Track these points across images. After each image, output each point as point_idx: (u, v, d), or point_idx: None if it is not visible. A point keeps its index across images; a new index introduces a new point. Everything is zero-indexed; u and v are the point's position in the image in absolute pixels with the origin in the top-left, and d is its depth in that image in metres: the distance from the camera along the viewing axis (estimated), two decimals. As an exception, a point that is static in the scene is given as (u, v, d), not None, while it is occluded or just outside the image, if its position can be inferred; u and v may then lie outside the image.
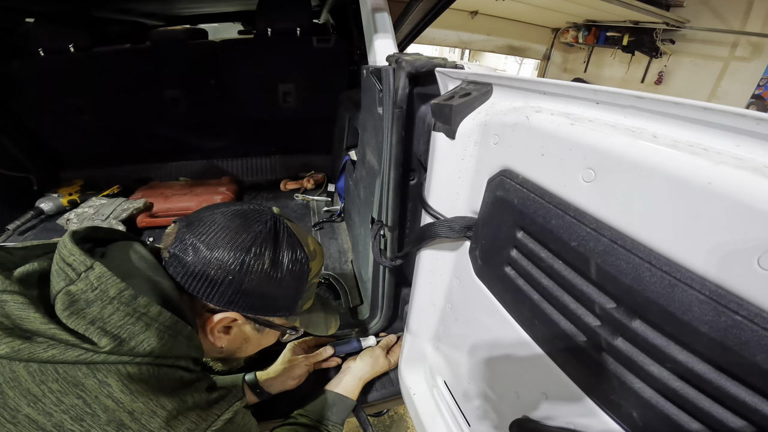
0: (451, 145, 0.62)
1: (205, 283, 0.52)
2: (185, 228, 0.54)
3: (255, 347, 0.66)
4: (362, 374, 0.89)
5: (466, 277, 0.68)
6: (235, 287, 0.52)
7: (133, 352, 0.41)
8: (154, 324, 0.44)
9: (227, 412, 0.48)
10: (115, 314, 0.42)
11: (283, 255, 0.55)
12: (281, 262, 0.55)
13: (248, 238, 0.53)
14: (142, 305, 0.43)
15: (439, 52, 7.01)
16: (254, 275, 0.53)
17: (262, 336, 0.63)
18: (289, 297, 0.59)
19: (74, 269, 0.43)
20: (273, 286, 0.55)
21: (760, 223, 0.26)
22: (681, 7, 4.24)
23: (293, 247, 0.57)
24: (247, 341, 0.62)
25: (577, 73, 6.00)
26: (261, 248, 0.53)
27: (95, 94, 1.78)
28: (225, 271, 0.51)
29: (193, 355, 0.50)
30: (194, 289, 0.52)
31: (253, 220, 0.55)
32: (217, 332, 0.57)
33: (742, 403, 0.29)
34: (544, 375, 0.51)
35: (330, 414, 0.78)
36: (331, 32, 2.13)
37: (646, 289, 0.34)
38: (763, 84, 3.79)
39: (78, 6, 1.64)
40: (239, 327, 0.59)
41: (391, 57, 0.73)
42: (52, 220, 1.66)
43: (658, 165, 0.33)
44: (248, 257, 0.52)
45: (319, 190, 2.01)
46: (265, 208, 0.59)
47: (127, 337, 0.41)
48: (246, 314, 0.57)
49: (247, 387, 0.84)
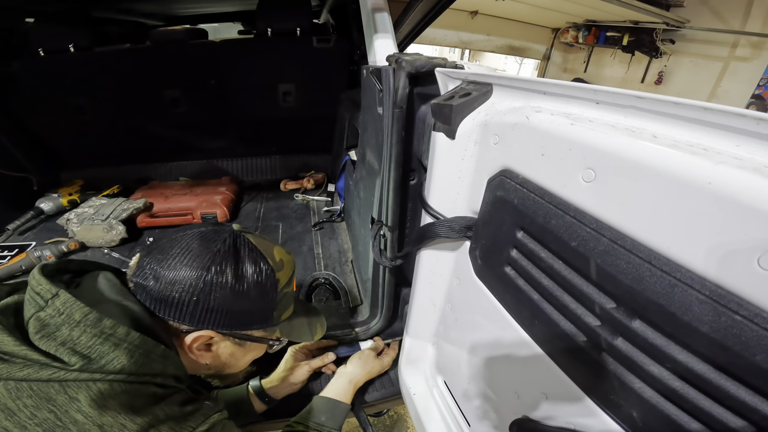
0: (451, 145, 0.62)
1: (170, 307, 0.53)
2: (145, 256, 0.55)
3: (243, 361, 0.66)
4: (353, 377, 0.89)
5: (466, 277, 0.68)
6: (201, 307, 0.53)
7: (104, 370, 0.44)
8: (123, 344, 0.46)
9: (203, 424, 0.49)
10: (83, 336, 0.44)
11: (245, 269, 0.56)
12: (244, 276, 0.56)
13: (207, 257, 0.54)
14: (107, 327, 0.46)
15: (439, 52, 7.00)
16: (218, 293, 0.54)
17: (247, 349, 0.64)
18: (261, 310, 0.59)
19: (42, 297, 0.46)
20: (241, 301, 0.56)
21: (760, 223, 0.26)
22: (681, 7, 4.24)
23: (255, 261, 0.57)
24: (233, 356, 0.63)
25: (577, 73, 6.00)
26: (221, 266, 0.54)
27: (95, 94, 1.78)
28: (188, 292, 0.53)
29: (172, 372, 0.51)
30: (163, 313, 0.54)
31: (211, 240, 0.56)
32: (196, 351, 0.58)
33: (742, 403, 0.29)
34: (544, 375, 0.51)
35: (325, 420, 0.79)
36: (331, 32, 2.13)
37: (646, 289, 0.34)
38: (763, 84, 3.79)
39: (78, 6, 1.64)
40: (218, 344, 0.60)
41: (391, 57, 0.73)
42: (52, 220, 1.66)
43: (658, 165, 0.33)
44: (209, 276, 0.53)
45: (319, 190, 2.00)
46: (226, 226, 0.61)
47: (97, 356, 0.44)
48: (220, 331, 0.57)
49: (254, 395, 0.85)
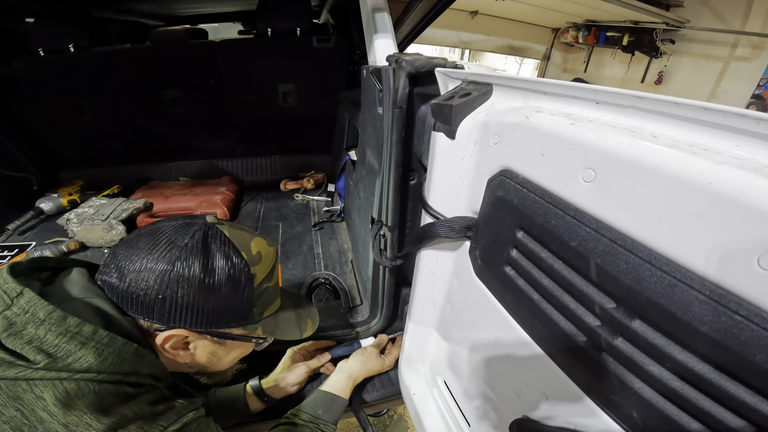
0: (451, 145, 0.62)
1: (137, 304, 0.52)
2: (113, 251, 0.54)
3: (226, 360, 0.64)
4: (352, 372, 0.89)
5: (466, 277, 0.68)
6: (169, 305, 0.52)
7: (70, 369, 0.43)
8: (90, 342, 0.45)
9: (175, 423, 0.49)
10: (48, 334, 0.44)
11: (215, 265, 0.54)
12: (214, 271, 0.54)
13: (174, 252, 0.52)
14: (72, 325, 0.45)
15: (439, 52, 7.00)
16: (186, 289, 0.52)
17: (229, 348, 0.62)
18: (236, 307, 0.57)
19: (8, 295, 0.46)
20: (211, 298, 0.54)
21: (760, 223, 0.26)
22: (681, 7, 4.24)
23: (227, 255, 0.55)
24: (214, 355, 0.61)
25: (577, 73, 6.00)
26: (188, 261, 0.52)
27: (95, 94, 1.78)
28: (153, 289, 0.51)
29: (146, 371, 0.50)
30: (131, 311, 0.52)
31: (179, 233, 0.54)
32: (171, 350, 0.56)
33: (742, 403, 0.29)
34: (544, 375, 0.51)
35: (322, 413, 0.79)
36: (331, 32, 2.13)
37: (646, 289, 0.34)
38: (763, 84, 3.79)
39: (78, 6, 1.64)
40: (195, 342, 0.58)
41: (391, 57, 0.73)
42: (52, 220, 1.66)
43: (658, 165, 0.33)
44: (175, 271, 0.51)
45: (319, 190, 2.00)
46: (198, 219, 0.58)
47: (64, 354, 0.44)
48: (194, 330, 0.55)
49: (253, 394, 0.85)
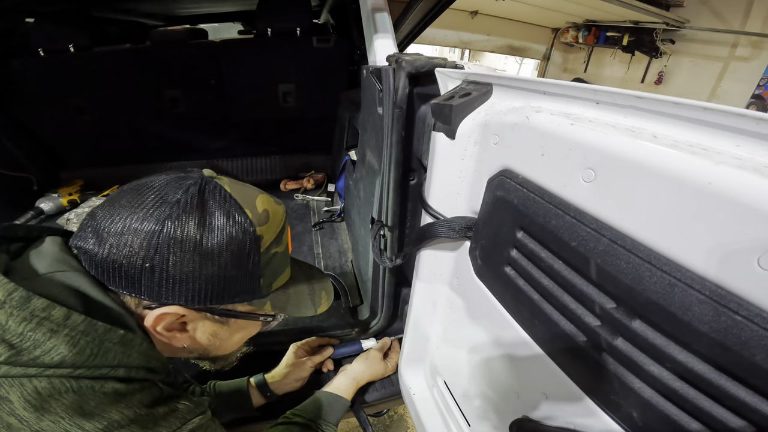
0: (451, 145, 0.62)
1: (120, 276, 0.42)
2: (90, 213, 0.44)
3: (231, 342, 0.55)
4: (356, 375, 0.89)
5: (466, 277, 0.68)
6: (159, 275, 0.42)
7: (39, 363, 0.35)
8: (62, 330, 0.37)
9: (179, 430, 0.42)
10: (11, 320, 0.35)
11: (213, 224, 0.44)
12: (212, 233, 0.43)
13: (163, 210, 0.42)
14: (39, 308, 0.36)
15: (439, 52, 7.00)
16: (178, 256, 0.42)
17: (234, 328, 0.53)
18: (240, 277, 0.47)
19: None
20: (210, 265, 0.44)
21: (760, 223, 0.26)
22: (681, 7, 4.24)
23: (228, 213, 0.45)
24: (216, 336, 0.52)
25: (577, 73, 6.00)
26: (180, 220, 0.42)
27: (95, 94, 1.78)
28: (138, 256, 0.41)
29: (138, 362, 0.42)
30: (113, 284, 0.43)
31: (171, 188, 0.44)
32: (165, 332, 0.47)
33: (742, 403, 0.29)
34: (544, 375, 0.51)
35: (324, 413, 0.78)
36: (331, 32, 2.13)
37: (646, 289, 0.34)
38: (763, 84, 3.79)
39: (78, 6, 1.64)
40: (194, 323, 0.49)
41: (391, 57, 0.73)
42: (52, 220, 1.67)
43: (658, 165, 0.33)
44: (164, 234, 0.41)
45: (319, 190, 2.01)
46: (194, 172, 0.48)
47: (31, 345, 0.35)
48: (192, 306, 0.45)
49: (256, 389, 0.84)
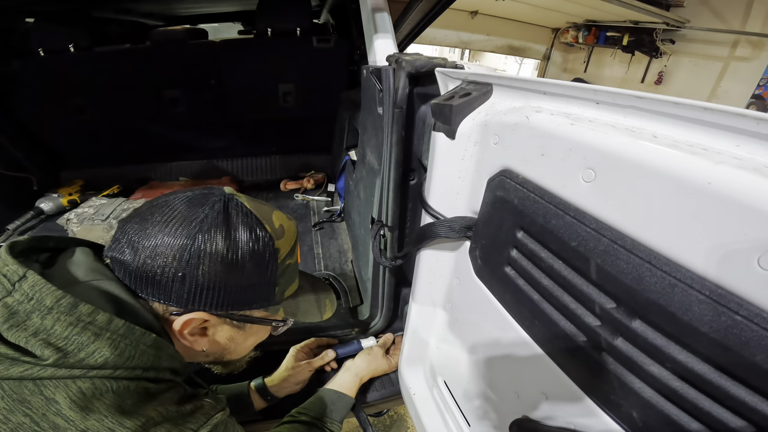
0: (451, 145, 0.62)
1: (152, 285, 0.46)
2: (122, 226, 0.48)
3: (245, 346, 0.60)
4: (359, 371, 0.89)
5: (466, 277, 0.68)
6: (189, 284, 0.46)
7: (84, 365, 0.38)
8: (104, 333, 0.40)
9: (205, 426, 0.45)
10: (57, 325, 0.38)
11: (238, 238, 0.49)
12: (238, 246, 0.48)
13: (193, 225, 0.46)
14: (84, 314, 0.40)
15: (439, 52, 7.00)
16: (207, 267, 0.46)
17: (248, 333, 0.57)
18: (260, 285, 0.52)
19: (9, 279, 0.40)
20: (235, 275, 0.49)
21: (760, 223, 0.26)
22: (681, 7, 4.24)
23: (251, 228, 0.50)
24: (233, 341, 0.56)
25: (577, 73, 6.00)
26: (209, 234, 0.47)
27: (95, 94, 1.78)
28: (171, 267, 0.45)
29: (166, 364, 0.46)
30: (146, 293, 0.47)
31: (197, 204, 0.49)
32: (189, 336, 0.51)
33: (742, 403, 0.29)
34: (544, 375, 0.51)
35: (329, 411, 0.78)
36: (331, 32, 2.13)
37: (646, 289, 0.34)
38: (763, 84, 3.79)
39: (78, 6, 1.64)
40: (215, 327, 0.53)
41: (391, 57, 0.73)
42: (52, 220, 1.67)
43: (658, 165, 0.33)
44: (196, 245, 0.46)
45: (319, 190, 2.00)
46: (216, 189, 0.53)
47: (75, 348, 0.38)
48: (215, 313, 0.50)
49: (256, 392, 0.84)
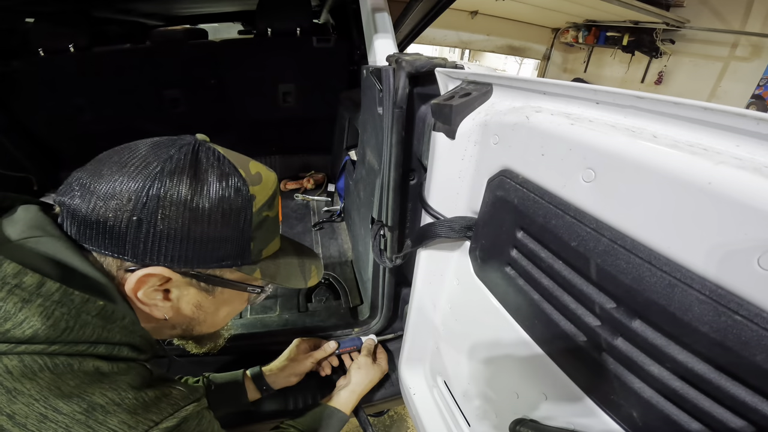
0: (451, 145, 0.62)
1: (103, 233, 0.39)
2: (74, 173, 0.42)
3: (217, 318, 0.52)
4: (356, 387, 0.88)
5: (466, 277, 0.68)
6: (146, 231, 0.40)
7: (10, 338, 0.32)
8: (34, 299, 0.33)
9: (171, 418, 0.38)
10: None
11: (207, 180, 0.42)
12: (206, 190, 0.42)
13: (155, 165, 0.41)
14: (9, 274, 0.33)
15: (439, 52, 7.00)
16: (169, 211, 0.40)
17: (220, 300, 0.50)
18: (231, 238, 0.45)
19: None
20: (201, 222, 0.42)
21: (760, 223, 0.26)
22: (681, 7, 4.24)
23: (222, 171, 0.44)
24: (201, 308, 0.49)
25: (577, 73, 6.00)
26: (173, 176, 0.41)
27: (95, 94, 1.78)
28: (125, 210, 0.39)
29: (121, 339, 0.39)
30: (96, 244, 0.40)
31: (163, 147, 0.43)
32: (146, 299, 0.43)
33: (742, 403, 0.29)
34: (544, 375, 0.51)
35: (320, 427, 0.75)
36: (331, 32, 2.13)
37: (646, 289, 0.34)
38: (763, 84, 3.79)
39: (78, 6, 1.64)
40: (179, 289, 0.46)
41: (391, 57, 0.73)
42: (52, 220, 1.66)
43: (658, 165, 0.33)
44: (155, 189, 0.39)
45: (319, 190, 2.01)
46: (186, 136, 0.47)
47: (0, 318, 0.32)
48: (178, 269, 0.43)
49: (251, 382, 0.82)
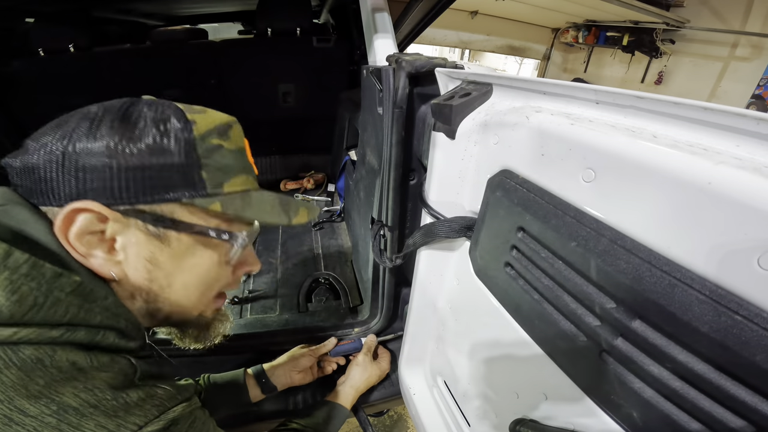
0: (451, 145, 0.62)
1: (38, 180, 0.35)
2: None
3: (183, 279, 0.42)
4: (355, 383, 0.88)
5: (466, 277, 0.68)
6: (69, 163, 0.34)
7: None
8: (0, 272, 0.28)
9: (156, 420, 0.33)
10: None
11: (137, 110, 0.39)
12: (135, 115, 0.38)
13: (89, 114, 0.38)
14: None
15: (439, 52, 7.00)
16: (94, 137, 0.35)
17: (178, 251, 0.40)
18: (171, 165, 0.38)
19: None
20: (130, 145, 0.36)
21: (760, 223, 0.26)
22: (681, 7, 4.24)
23: (154, 102, 0.41)
24: (156, 263, 0.39)
25: (577, 73, 6.00)
26: (103, 113, 0.38)
27: (95, 95, 1.76)
28: (51, 148, 0.35)
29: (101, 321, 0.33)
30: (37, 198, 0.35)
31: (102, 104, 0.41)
32: (83, 246, 0.36)
33: (742, 403, 0.29)
34: (544, 375, 0.51)
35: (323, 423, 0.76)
36: (331, 32, 2.13)
37: (646, 289, 0.34)
38: (763, 84, 3.79)
39: (78, 6, 1.64)
40: (124, 235, 0.37)
41: (391, 57, 0.73)
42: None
43: (658, 165, 0.33)
44: (83, 126, 0.36)
45: (319, 190, 2.01)
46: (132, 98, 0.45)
47: None
48: (113, 204, 0.36)
49: (253, 379, 0.82)
